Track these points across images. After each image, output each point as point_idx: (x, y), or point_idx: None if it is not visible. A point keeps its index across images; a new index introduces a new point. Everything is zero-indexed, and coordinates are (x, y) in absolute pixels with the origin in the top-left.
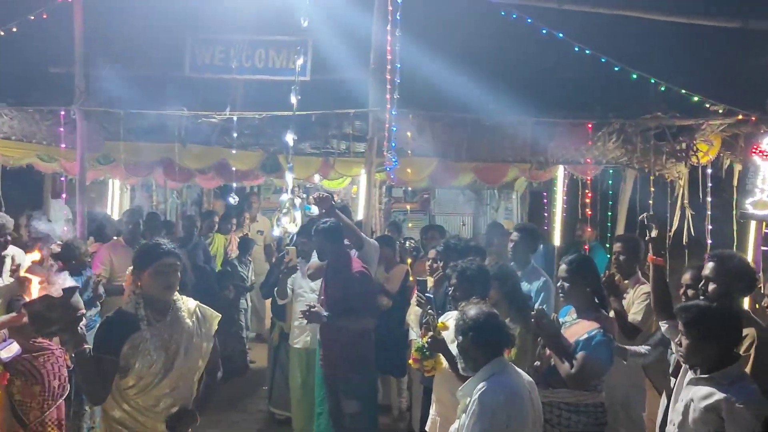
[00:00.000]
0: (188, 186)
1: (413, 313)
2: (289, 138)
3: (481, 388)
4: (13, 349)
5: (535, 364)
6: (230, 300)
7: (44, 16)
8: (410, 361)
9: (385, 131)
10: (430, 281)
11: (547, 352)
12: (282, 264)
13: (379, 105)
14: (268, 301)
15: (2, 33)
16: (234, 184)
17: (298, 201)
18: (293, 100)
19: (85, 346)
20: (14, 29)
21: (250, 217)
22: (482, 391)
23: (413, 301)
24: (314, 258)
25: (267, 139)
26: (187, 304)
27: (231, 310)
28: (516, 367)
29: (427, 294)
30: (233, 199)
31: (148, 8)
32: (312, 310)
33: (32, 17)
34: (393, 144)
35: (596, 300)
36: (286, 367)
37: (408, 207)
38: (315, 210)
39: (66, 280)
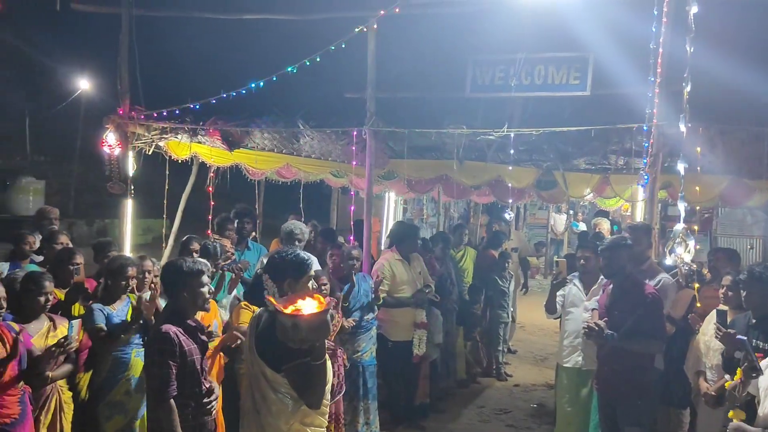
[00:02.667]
0: (456, 201)
1: (702, 342)
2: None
3: None
4: None
5: None
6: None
7: (342, 46)
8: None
9: (669, 146)
10: (730, 313)
11: None
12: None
13: (665, 118)
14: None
15: (307, 62)
16: (510, 200)
17: (689, 229)
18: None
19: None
20: (318, 59)
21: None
22: None
23: (708, 329)
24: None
25: (542, 155)
26: None
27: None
28: None
29: (739, 337)
30: (509, 215)
31: (433, 35)
32: (595, 328)
33: (332, 48)
34: (681, 160)
35: None
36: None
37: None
38: (582, 227)
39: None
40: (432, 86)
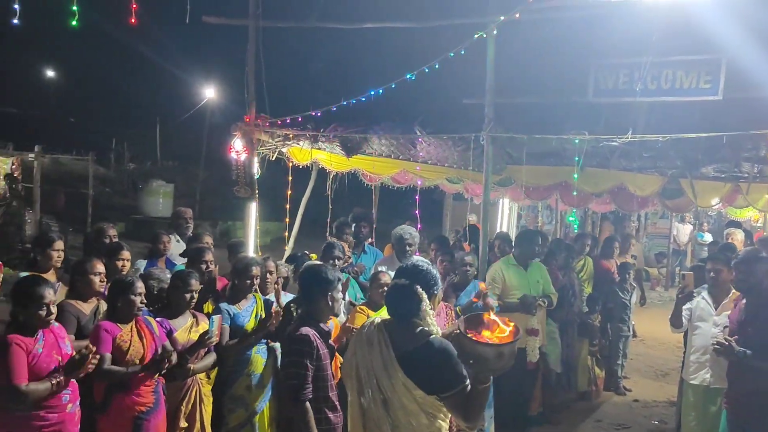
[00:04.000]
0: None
1: None
2: None
3: None
4: None
5: None
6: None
7: (461, 52)
8: None
9: None
10: None
11: None
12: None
13: None
14: None
15: (426, 69)
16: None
17: None
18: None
19: None
20: (436, 66)
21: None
22: None
23: None
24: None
25: (668, 162)
26: None
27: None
28: None
29: None
30: (634, 223)
31: (554, 39)
32: (725, 343)
33: (451, 54)
34: None
35: None
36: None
37: None
38: (708, 237)
39: None
40: (552, 91)
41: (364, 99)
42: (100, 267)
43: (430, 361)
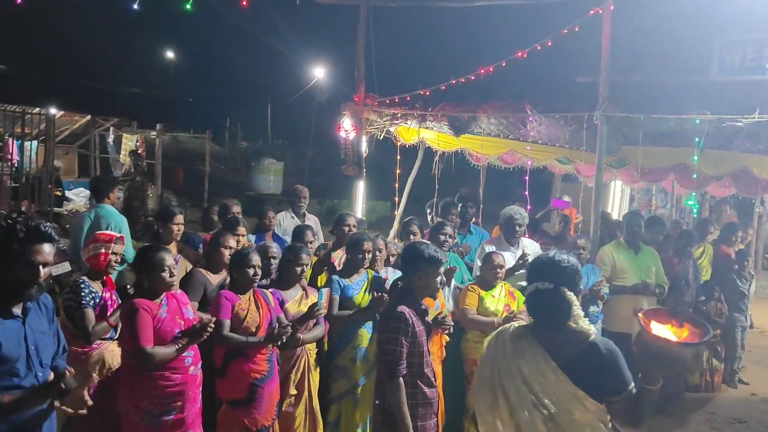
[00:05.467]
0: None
1: None
2: None
3: None
4: None
5: None
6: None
7: (576, 29)
8: None
9: None
10: None
11: None
12: None
13: None
14: None
15: (538, 47)
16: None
17: None
18: None
19: None
20: (549, 43)
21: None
22: None
23: None
24: None
25: None
26: None
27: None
28: None
29: None
30: (759, 209)
31: (675, 15)
32: None
33: (565, 31)
34: None
35: None
36: None
37: None
38: None
39: None
40: (671, 69)
41: (473, 78)
42: (232, 242)
43: (597, 364)
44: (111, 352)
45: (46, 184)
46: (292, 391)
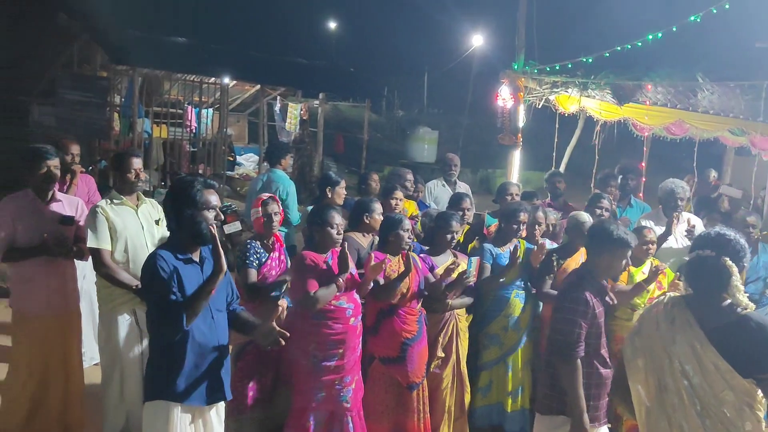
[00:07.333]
0: None
1: None
2: None
3: None
4: None
5: None
6: None
7: None
8: None
9: None
10: None
11: None
12: None
13: None
14: None
15: (714, 10)
16: None
17: None
18: None
19: None
20: (726, 6)
21: None
22: None
23: None
24: None
25: None
26: None
27: None
28: None
29: None
30: None
31: None
32: None
33: None
34: None
35: None
36: None
37: None
38: None
39: None
40: None
41: (640, 44)
42: (380, 207)
43: (746, 337)
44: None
45: (221, 149)
46: (440, 353)
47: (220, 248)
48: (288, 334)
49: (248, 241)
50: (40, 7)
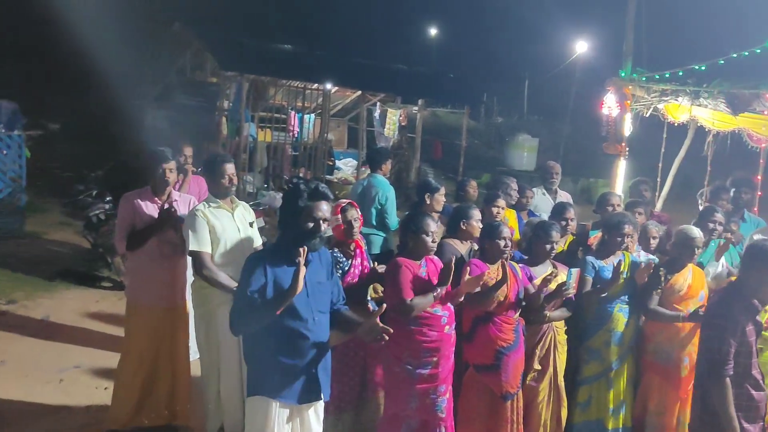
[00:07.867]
0: None
1: None
2: None
3: None
4: None
5: None
6: None
7: None
8: None
9: None
10: None
11: None
12: None
13: None
14: None
15: None
16: None
17: None
18: None
19: None
20: None
21: None
22: None
23: None
24: None
25: None
26: None
27: None
28: None
29: None
30: None
31: None
32: None
33: None
34: None
35: None
36: None
37: None
38: None
39: None
40: None
41: (759, 51)
42: (478, 214)
43: None
44: None
45: (321, 154)
46: (536, 365)
47: (302, 269)
48: (391, 330)
49: (330, 252)
50: (158, 16)
